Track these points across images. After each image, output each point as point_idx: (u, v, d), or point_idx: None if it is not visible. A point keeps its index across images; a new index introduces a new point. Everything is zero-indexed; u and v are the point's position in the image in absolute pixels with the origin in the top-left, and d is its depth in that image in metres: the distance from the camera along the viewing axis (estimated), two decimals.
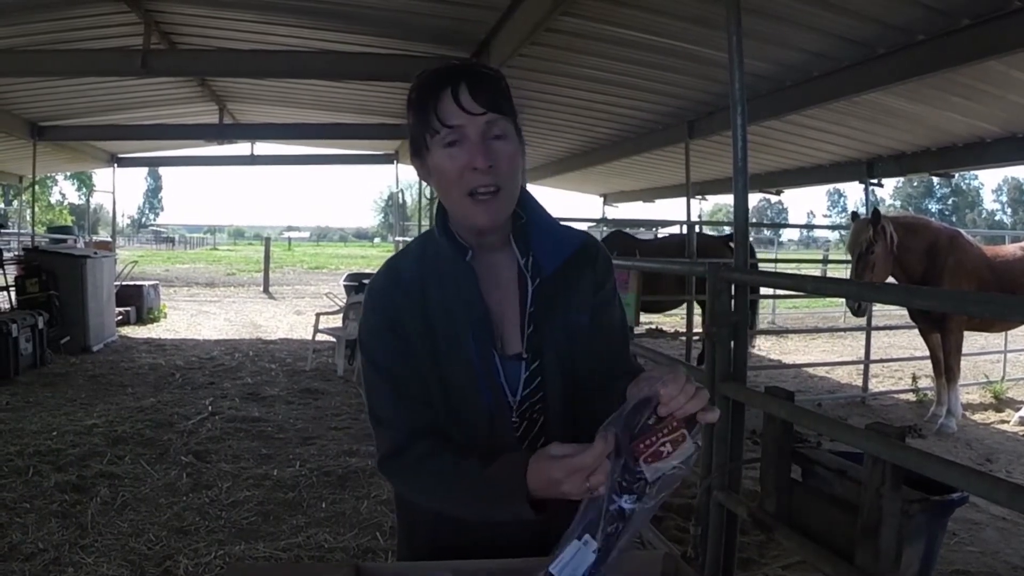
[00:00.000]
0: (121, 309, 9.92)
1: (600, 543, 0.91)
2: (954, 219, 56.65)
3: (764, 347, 9.81)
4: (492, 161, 1.08)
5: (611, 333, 1.22)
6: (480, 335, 1.12)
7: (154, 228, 68.38)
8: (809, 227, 45.51)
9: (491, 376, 1.13)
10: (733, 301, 2.44)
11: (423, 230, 10.64)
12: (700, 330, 5.90)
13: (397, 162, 12.52)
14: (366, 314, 1.19)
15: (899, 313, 9.07)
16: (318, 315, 7.73)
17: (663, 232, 10.37)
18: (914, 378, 6.83)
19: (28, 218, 14.58)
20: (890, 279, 5.44)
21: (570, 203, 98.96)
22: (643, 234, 9.31)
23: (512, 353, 1.15)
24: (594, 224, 9.95)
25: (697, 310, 7.11)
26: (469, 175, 1.08)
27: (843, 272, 8.28)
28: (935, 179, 8.71)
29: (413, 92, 1.13)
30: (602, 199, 14.47)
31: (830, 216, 67.93)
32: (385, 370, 1.14)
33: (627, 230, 8.84)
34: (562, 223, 1.25)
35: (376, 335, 1.16)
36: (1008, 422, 5.81)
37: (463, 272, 1.14)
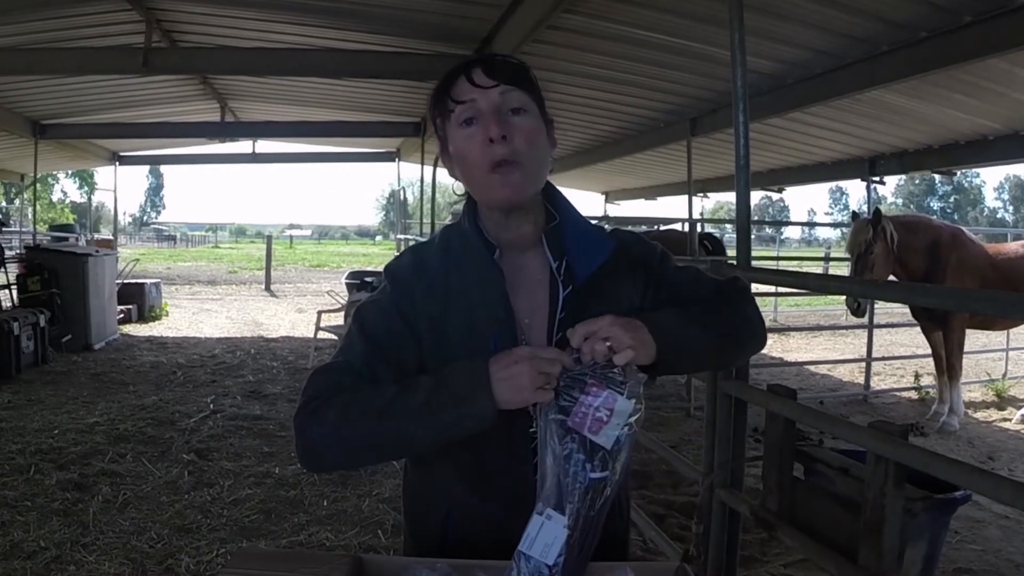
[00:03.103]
0: (123, 307, 9.93)
1: (570, 517, 0.90)
2: (956, 217, 56.62)
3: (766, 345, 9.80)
4: (507, 132, 1.03)
5: (684, 284, 1.18)
6: (503, 338, 1.06)
7: (156, 226, 68.50)
8: (811, 225, 45.32)
9: None
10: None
11: (425, 228, 10.66)
12: None
13: (399, 160, 12.50)
14: (379, 292, 1.13)
15: (901, 311, 9.06)
16: (320, 313, 7.74)
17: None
18: (916, 376, 6.83)
19: (30, 216, 14.63)
20: (891, 278, 5.43)
21: (571, 201, 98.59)
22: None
23: None
24: (595, 222, 9.93)
25: None
26: (487, 151, 1.03)
27: (845, 270, 8.27)
28: (937, 177, 8.69)
29: (434, 90, 1.10)
30: (604, 197, 14.46)
31: (832, 214, 67.98)
32: (368, 337, 1.07)
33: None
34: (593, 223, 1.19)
35: (380, 312, 1.09)
36: (1010, 420, 5.81)
37: (489, 271, 1.08)
